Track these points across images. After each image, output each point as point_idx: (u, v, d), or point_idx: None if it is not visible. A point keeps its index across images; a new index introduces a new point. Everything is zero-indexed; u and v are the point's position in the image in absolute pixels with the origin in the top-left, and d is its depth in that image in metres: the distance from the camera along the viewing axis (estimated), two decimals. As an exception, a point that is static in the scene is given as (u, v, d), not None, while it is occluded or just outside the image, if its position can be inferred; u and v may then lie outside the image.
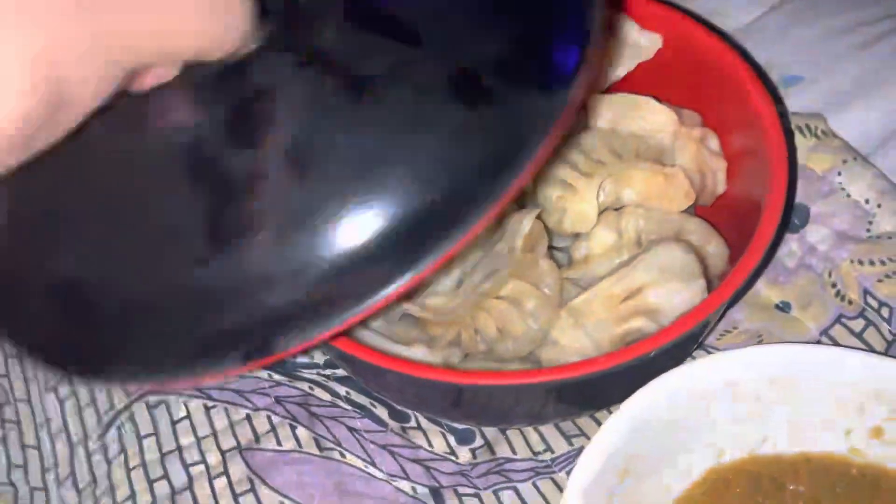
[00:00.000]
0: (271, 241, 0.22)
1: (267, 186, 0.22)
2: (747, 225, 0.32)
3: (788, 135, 0.37)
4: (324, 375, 0.37)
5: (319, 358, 0.37)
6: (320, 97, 0.23)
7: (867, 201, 0.37)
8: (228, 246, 0.22)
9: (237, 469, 0.34)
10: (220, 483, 0.34)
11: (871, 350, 0.34)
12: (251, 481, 0.33)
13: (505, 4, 0.24)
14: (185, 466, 0.34)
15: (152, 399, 0.37)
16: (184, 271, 0.23)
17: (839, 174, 0.37)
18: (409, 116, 0.23)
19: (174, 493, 0.34)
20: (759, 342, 0.35)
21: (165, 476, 0.34)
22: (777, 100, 0.40)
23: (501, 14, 0.24)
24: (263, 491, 0.33)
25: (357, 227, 0.22)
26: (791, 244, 0.37)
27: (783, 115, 0.38)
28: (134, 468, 0.35)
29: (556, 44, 0.24)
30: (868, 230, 0.36)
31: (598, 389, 0.31)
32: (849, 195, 0.37)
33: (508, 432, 0.34)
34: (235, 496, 0.33)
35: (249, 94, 0.23)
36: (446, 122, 0.23)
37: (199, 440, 0.35)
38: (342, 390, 0.36)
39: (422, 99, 0.23)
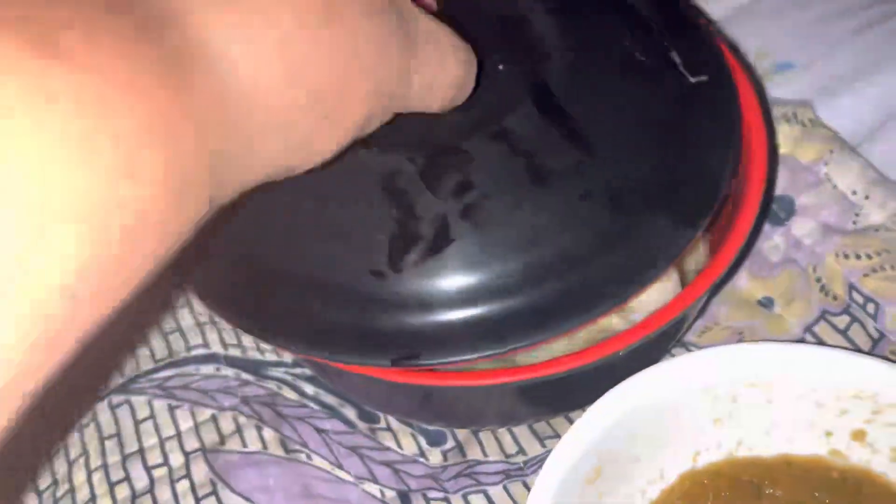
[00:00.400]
0: (434, 275, 0.26)
1: (444, 229, 0.26)
2: (729, 219, 0.30)
3: (769, 125, 0.36)
4: (292, 374, 0.36)
5: (288, 356, 0.36)
6: (506, 172, 0.27)
7: (854, 192, 0.35)
8: (401, 268, 0.26)
9: (200, 471, 0.33)
10: (182, 486, 0.33)
11: (856, 348, 0.32)
12: (214, 484, 0.32)
13: (667, 147, 0.28)
14: (148, 469, 0.33)
15: (115, 399, 0.36)
16: (360, 275, 0.27)
17: (825, 164, 0.36)
18: (571, 210, 0.27)
19: (135, 496, 0.33)
20: (740, 340, 0.33)
21: (127, 479, 0.33)
22: (759, 86, 0.39)
23: (662, 152, 0.28)
24: (226, 494, 0.32)
25: (503, 287, 0.26)
26: (775, 237, 0.36)
27: (765, 104, 0.37)
28: (95, 470, 0.34)
29: (699, 191, 0.28)
30: (854, 222, 0.35)
31: (570, 389, 0.30)
32: (835, 186, 0.36)
33: (481, 434, 0.33)
34: (197, 499, 0.32)
35: (447, 145, 0.27)
36: (598, 226, 0.27)
37: (162, 441, 0.34)
38: (310, 390, 0.35)
39: (584, 200, 0.27)
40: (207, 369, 0.36)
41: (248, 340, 0.37)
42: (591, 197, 0.27)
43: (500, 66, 0.29)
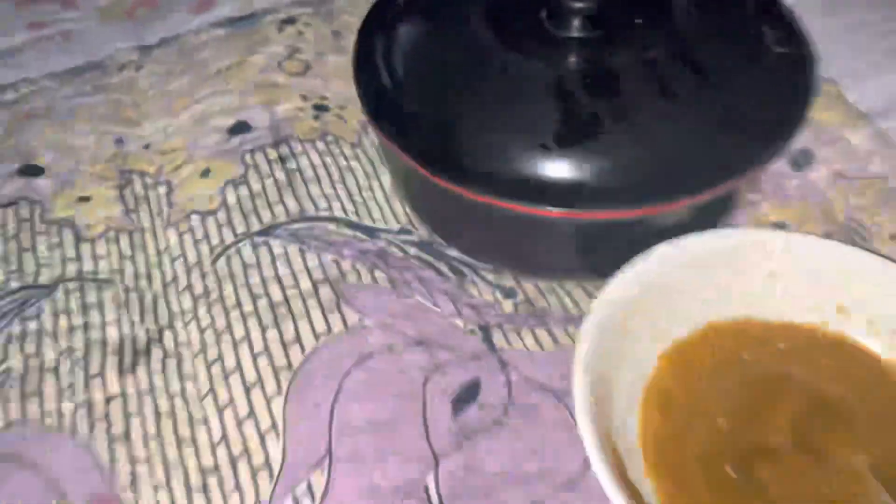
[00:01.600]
0: (588, 152, 0.36)
1: (597, 121, 0.37)
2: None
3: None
4: (399, 239, 0.45)
5: (394, 225, 0.46)
6: (646, 88, 0.37)
7: (867, 152, 0.45)
8: (564, 145, 0.36)
9: (326, 292, 0.42)
10: (312, 302, 0.42)
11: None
12: (337, 301, 0.41)
13: (761, 87, 0.39)
14: (283, 288, 0.43)
15: (257, 239, 0.45)
16: (532, 146, 0.36)
17: (844, 127, 0.45)
18: (690, 121, 0.37)
19: (273, 305, 0.42)
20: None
21: (266, 294, 0.42)
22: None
23: (757, 90, 0.38)
24: (347, 309, 0.41)
25: (638, 166, 0.36)
26: (793, 180, 0.45)
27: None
28: (240, 286, 0.43)
29: (784, 119, 0.38)
30: (862, 171, 0.44)
31: (624, 241, 0.38)
32: (850, 143, 0.45)
33: (546, 293, 0.42)
34: (324, 311, 0.41)
35: (603, 65, 0.38)
36: (711, 134, 0.37)
37: (294, 272, 0.43)
38: (413, 251, 0.44)
39: (701, 114, 0.37)
40: (331, 226, 0.45)
41: (363, 210, 0.46)
42: (706, 113, 0.37)
43: (637, 21, 0.40)
